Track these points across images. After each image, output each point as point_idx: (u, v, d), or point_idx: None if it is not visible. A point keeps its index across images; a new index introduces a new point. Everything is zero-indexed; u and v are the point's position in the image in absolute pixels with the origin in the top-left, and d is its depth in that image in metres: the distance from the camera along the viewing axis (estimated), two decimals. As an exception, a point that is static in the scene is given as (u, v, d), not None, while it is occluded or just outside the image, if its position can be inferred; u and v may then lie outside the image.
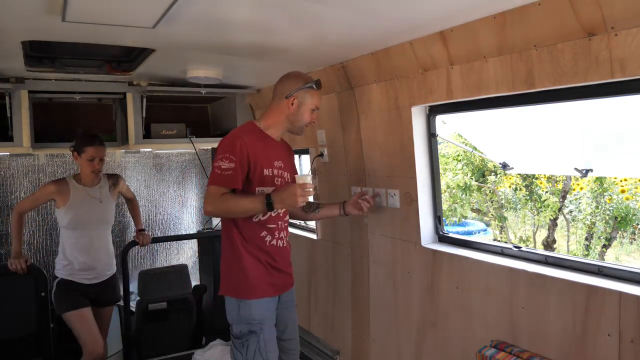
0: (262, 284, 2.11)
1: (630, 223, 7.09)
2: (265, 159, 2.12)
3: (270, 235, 2.15)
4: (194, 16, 1.81)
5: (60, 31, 1.98)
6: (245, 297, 2.09)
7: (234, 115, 3.80)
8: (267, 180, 2.12)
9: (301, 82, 2.15)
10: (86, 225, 2.77)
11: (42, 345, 2.82)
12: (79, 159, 2.75)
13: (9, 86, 2.90)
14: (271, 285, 2.15)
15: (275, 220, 2.17)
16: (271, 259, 2.15)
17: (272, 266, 2.16)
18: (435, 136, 2.39)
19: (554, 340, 1.80)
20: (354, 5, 1.72)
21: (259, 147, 2.10)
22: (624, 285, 1.63)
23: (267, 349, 2.07)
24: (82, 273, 2.77)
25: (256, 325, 2.07)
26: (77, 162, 2.79)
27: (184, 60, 2.72)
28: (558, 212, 8.09)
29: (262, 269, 2.12)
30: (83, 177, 2.80)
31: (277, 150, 2.22)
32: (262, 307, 2.09)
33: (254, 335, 2.06)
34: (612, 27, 1.47)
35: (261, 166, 2.10)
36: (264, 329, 2.07)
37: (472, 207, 9.83)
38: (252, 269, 2.10)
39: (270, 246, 2.15)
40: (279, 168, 2.18)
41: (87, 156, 2.73)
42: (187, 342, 3.39)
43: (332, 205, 2.50)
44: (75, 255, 2.75)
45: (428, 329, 2.40)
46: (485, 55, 1.89)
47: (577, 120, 2.02)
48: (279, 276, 2.19)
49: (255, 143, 2.10)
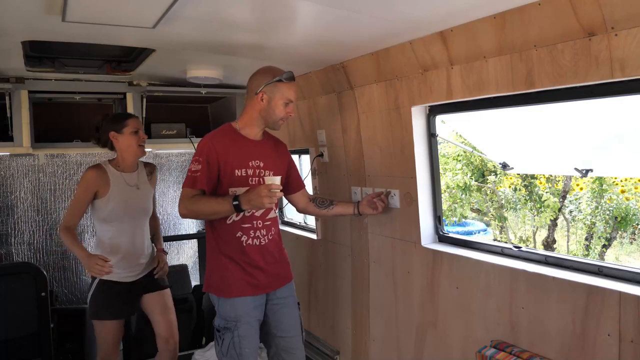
0: (239, 284, 2.16)
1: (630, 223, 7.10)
2: (238, 159, 2.14)
3: (246, 235, 2.16)
4: (194, 16, 1.81)
5: (60, 31, 1.98)
6: (222, 295, 2.17)
7: (234, 116, 3.79)
8: (239, 181, 2.13)
9: (269, 76, 2.13)
10: (126, 217, 2.54)
11: (42, 345, 2.82)
12: (120, 137, 2.52)
13: (9, 86, 2.90)
14: (250, 285, 2.17)
15: (250, 220, 2.17)
16: (249, 259, 2.17)
17: (251, 265, 2.17)
18: (435, 136, 2.39)
19: (554, 340, 1.80)
20: (354, 6, 1.72)
21: (230, 148, 2.13)
22: (624, 285, 1.63)
23: (241, 344, 2.13)
24: (124, 271, 2.54)
25: (230, 323, 2.14)
26: (117, 144, 2.55)
27: (184, 60, 2.72)
28: (558, 212, 8.10)
29: (238, 270, 2.16)
30: (126, 158, 2.56)
31: (256, 149, 2.21)
32: (238, 306, 2.15)
33: (228, 331, 2.14)
34: (612, 27, 1.47)
35: (232, 167, 2.12)
36: (238, 326, 2.13)
37: (472, 207, 9.84)
38: (227, 269, 2.16)
39: (247, 246, 2.17)
40: (256, 167, 2.18)
41: (130, 129, 2.52)
42: (187, 342, 3.39)
43: (346, 204, 2.52)
44: (115, 250, 2.51)
45: (428, 329, 2.40)
46: (485, 55, 1.89)
47: (577, 120, 2.02)
48: (262, 275, 2.19)
49: (227, 144, 2.13)
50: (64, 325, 3.23)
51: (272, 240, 2.24)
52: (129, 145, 2.54)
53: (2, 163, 4.00)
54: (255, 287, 2.18)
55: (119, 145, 2.55)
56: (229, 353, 2.14)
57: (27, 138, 3.02)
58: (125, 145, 2.54)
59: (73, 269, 4.30)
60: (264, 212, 2.19)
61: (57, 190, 4.25)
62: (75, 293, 4.30)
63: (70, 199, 4.29)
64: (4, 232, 4.04)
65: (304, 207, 2.51)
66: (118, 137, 2.53)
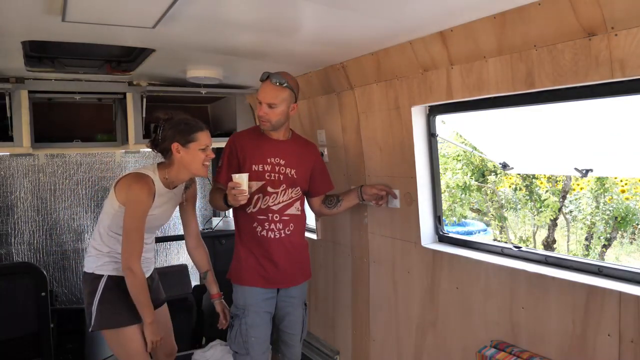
0: (252, 274, 2.29)
1: (630, 223, 7.10)
2: (256, 155, 2.32)
3: (260, 226, 2.31)
4: (194, 16, 1.81)
5: (60, 31, 1.98)
6: (236, 282, 2.33)
7: (234, 115, 3.79)
8: (257, 175, 2.29)
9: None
10: (152, 230, 2.30)
11: (42, 345, 2.82)
12: (184, 150, 2.14)
13: (9, 86, 2.90)
14: (263, 278, 2.29)
15: (265, 212, 2.31)
16: (262, 250, 2.29)
17: (265, 257, 2.29)
18: (435, 136, 2.39)
19: (554, 340, 1.80)
20: (354, 5, 1.72)
21: (250, 145, 2.34)
22: (624, 285, 1.63)
23: (248, 333, 2.25)
24: None
25: (239, 310, 2.28)
26: (177, 157, 2.16)
27: (184, 60, 2.72)
28: (558, 212, 8.10)
29: (252, 260, 2.30)
30: (182, 176, 2.21)
31: (278, 147, 2.36)
32: (247, 295, 2.28)
33: (237, 318, 2.28)
34: (612, 27, 1.47)
35: (250, 162, 2.30)
36: (247, 314, 2.26)
37: (472, 207, 9.84)
38: (243, 258, 2.32)
39: (262, 237, 2.30)
40: (275, 164, 2.33)
41: (199, 145, 2.14)
42: (187, 342, 3.39)
43: (350, 195, 2.56)
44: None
45: (428, 328, 2.40)
46: (485, 55, 1.89)
47: (577, 120, 2.02)
48: (274, 270, 2.30)
49: (247, 141, 2.36)
50: (64, 325, 3.23)
51: (289, 237, 2.35)
52: (193, 162, 2.16)
53: (2, 163, 4.01)
54: (266, 280, 2.30)
55: (181, 159, 2.16)
56: (236, 340, 2.27)
57: (27, 138, 3.02)
58: (187, 161, 2.16)
59: (73, 269, 4.31)
60: (283, 207, 2.33)
61: (57, 190, 4.25)
62: (75, 293, 4.30)
63: (70, 199, 4.30)
64: (4, 232, 4.05)
65: (318, 209, 2.60)
66: (180, 150, 2.14)
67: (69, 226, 4.31)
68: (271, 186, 2.31)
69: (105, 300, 2.12)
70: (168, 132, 2.16)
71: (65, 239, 4.29)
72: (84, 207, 4.37)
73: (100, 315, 2.12)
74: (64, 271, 4.26)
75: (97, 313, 2.12)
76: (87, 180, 4.37)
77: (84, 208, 4.37)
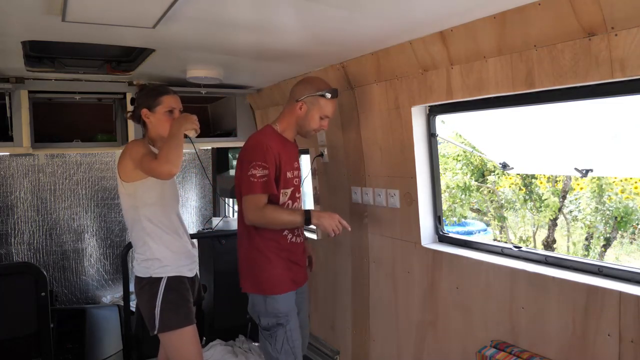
0: (285, 280, 2.25)
1: (630, 223, 7.10)
2: (287, 161, 2.24)
3: (291, 233, 2.28)
4: (194, 16, 1.81)
5: (60, 31, 1.98)
6: (271, 292, 2.21)
7: (234, 115, 3.79)
8: (289, 182, 2.26)
9: (313, 88, 2.23)
10: (170, 202, 2.27)
11: (42, 345, 2.82)
12: (152, 116, 2.18)
13: (9, 86, 2.90)
14: (293, 281, 2.30)
15: None
16: (291, 256, 2.29)
17: (291, 261, 2.29)
18: (435, 136, 2.39)
19: (554, 340, 1.80)
20: (354, 5, 1.72)
21: (282, 151, 2.21)
22: (624, 285, 1.63)
23: (293, 337, 2.23)
24: (185, 260, 2.25)
25: (283, 318, 2.22)
26: (148, 122, 2.20)
27: (184, 60, 2.72)
28: (558, 212, 8.10)
29: (282, 265, 2.24)
30: (156, 141, 2.23)
31: (295, 152, 2.37)
32: (287, 301, 2.24)
33: (281, 327, 2.21)
34: (612, 27, 1.47)
35: (285, 169, 2.22)
36: (289, 320, 2.22)
37: (472, 207, 9.84)
38: (274, 267, 2.23)
39: (291, 243, 2.29)
40: (296, 169, 2.33)
41: (164, 108, 2.18)
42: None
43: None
44: (169, 239, 2.21)
45: (428, 328, 2.40)
46: (485, 55, 1.89)
47: (577, 120, 2.02)
48: (297, 270, 2.33)
49: (279, 147, 2.21)
50: (64, 325, 3.23)
51: (303, 238, 2.40)
52: (160, 127, 2.19)
53: (2, 163, 4.01)
54: (295, 283, 2.32)
55: (150, 125, 2.22)
56: (284, 349, 2.21)
57: (27, 138, 3.02)
58: (155, 126, 2.21)
59: (73, 269, 4.31)
60: None
61: (57, 190, 4.26)
62: (75, 293, 4.30)
63: (70, 199, 4.30)
64: (4, 232, 4.05)
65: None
66: (148, 116, 2.20)
67: (69, 226, 4.32)
68: (297, 191, 2.34)
69: (167, 300, 2.15)
70: (138, 100, 2.24)
71: (65, 239, 4.30)
72: (83, 207, 4.37)
73: (165, 316, 2.14)
74: (64, 271, 4.26)
75: (160, 315, 2.14)
76: (87, 180, 4.38)
77: (84, 208, 4.37)
